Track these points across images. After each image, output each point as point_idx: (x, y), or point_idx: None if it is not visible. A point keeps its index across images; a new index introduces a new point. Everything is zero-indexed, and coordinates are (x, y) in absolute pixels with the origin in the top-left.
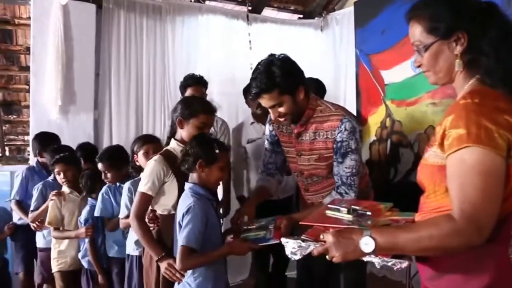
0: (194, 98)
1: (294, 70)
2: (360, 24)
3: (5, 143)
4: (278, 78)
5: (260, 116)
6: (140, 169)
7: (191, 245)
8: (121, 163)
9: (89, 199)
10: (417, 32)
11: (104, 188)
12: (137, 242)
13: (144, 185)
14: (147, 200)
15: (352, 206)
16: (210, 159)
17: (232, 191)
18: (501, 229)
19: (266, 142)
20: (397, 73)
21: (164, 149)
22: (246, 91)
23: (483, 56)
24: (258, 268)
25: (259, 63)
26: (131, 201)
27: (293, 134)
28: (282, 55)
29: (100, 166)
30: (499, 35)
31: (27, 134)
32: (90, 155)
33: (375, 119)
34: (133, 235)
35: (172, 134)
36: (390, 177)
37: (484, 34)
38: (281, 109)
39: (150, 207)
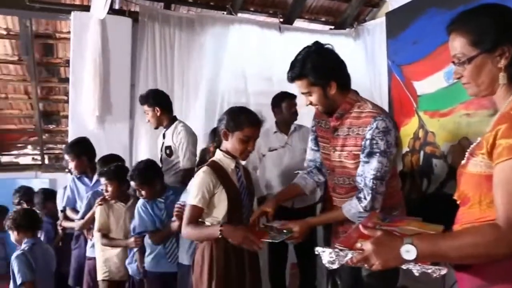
0: (241, 109)
1: (326, 65)
2: (391, 35)
3: (45, 152)
4: (307, 71)
5: (283, 126)
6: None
7: None
8: (153, 179)
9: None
10: (459, 44)
11: (141, 201)
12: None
13: (194, 197)
14: (197, 212)
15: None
16: None
17: None
18: None
19: (310, 138)
20: (430, 84)
21: (211, 160)
22: (274, 100)
23: None
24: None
25: (302, 49)
26: None
27: (330, 128)
28: (322, 47)
29: (132, 184)
30: None
31: (66, 143)
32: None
33: (407, 130)
34: (185, 246)
35: (218, 144)
36: (423, 189)
37: None
38: (311, 99)
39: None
